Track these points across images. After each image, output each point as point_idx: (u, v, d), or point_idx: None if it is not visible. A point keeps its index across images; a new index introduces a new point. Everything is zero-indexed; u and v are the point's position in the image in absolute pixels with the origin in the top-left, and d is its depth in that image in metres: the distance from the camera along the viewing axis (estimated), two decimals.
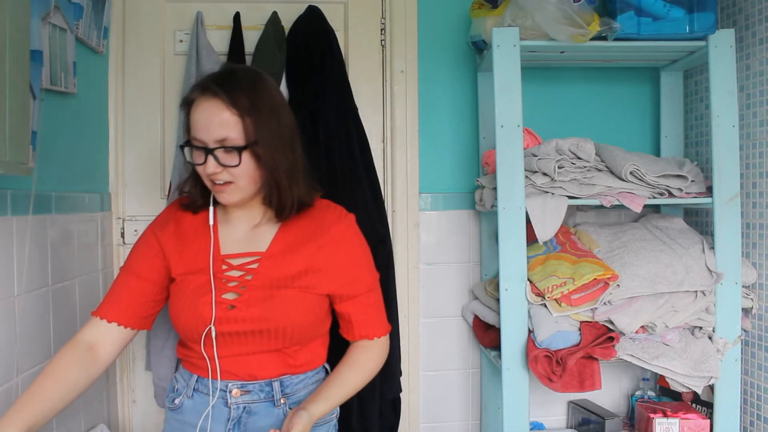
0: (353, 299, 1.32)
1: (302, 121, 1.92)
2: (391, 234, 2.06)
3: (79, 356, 1.24)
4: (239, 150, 1.18)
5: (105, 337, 1.28)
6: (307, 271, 1.27)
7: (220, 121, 1.17)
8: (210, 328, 1.23)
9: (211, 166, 1.19)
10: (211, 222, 1.30)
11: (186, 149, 1.23)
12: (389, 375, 1.92)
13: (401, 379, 2.00)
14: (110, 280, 2.01)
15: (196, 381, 1.31)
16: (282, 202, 1.26)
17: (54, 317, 1.55)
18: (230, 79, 1.21)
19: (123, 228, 2.08)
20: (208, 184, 1.25)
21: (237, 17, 2.04)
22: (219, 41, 2.05)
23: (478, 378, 2.20)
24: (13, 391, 1.34)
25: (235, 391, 1.27)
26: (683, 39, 1.81)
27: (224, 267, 1.28)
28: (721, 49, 1.79)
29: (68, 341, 1.27)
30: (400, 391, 1.99)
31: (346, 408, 1.86)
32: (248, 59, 2.01)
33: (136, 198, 2.09)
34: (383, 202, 2.03)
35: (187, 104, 1.23)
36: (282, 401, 1.29)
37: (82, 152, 1.84)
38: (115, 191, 2.06)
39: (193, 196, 1.32)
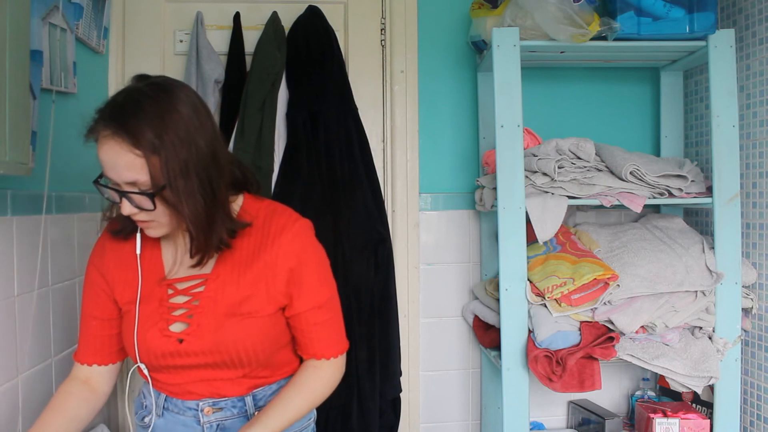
0: (299, 316, 1.20)
1: (303, 121, 1.93)
2: (391, 234, 2.06)
3: (77, 390, 1.24)
4: (150, 196, 1.05)
5: (93, 375, 1.27)
6: (252, 295, 1.17)
7: (125, 164, 1.03)
8: (136, 367, 1.19)
9: (127, 208, 1.07)
10: (138, 251, 1.20)
11: (100, 187, 1.11)
12: (389, 375, 1.93)
13: (401, 379, 2.00)
14: None
15: (165, 400, 1.25)
16: (197, 248, 1.12)
17: (54, 317, 1.54)
18: (132, 111, 1.04)
19: None
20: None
21: (237, 17, 2.04)
22: (219, 41, 2.05)
23: (478, 378, 2.20)
24: (14, 391, 1.34)
25: (207, 409, 1.21)
26: (683, 39, 1.81)
27: (170, 292, 1.18)
28: (721, 49, 1.79)
29: (65, 380, 1.26)
30: (400, 391, 1.99)
31: (345, 408, 1.86)
32: (248, 59, 2.01)
33: None
34: (383, 202, 2.03)
35: (92, 135, 1.09)
36: (256, 414, 1.23)
37: (82, 152, 1.83)
38: None
39: (122, 221, 1.20)
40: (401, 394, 2.00)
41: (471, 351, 2.20)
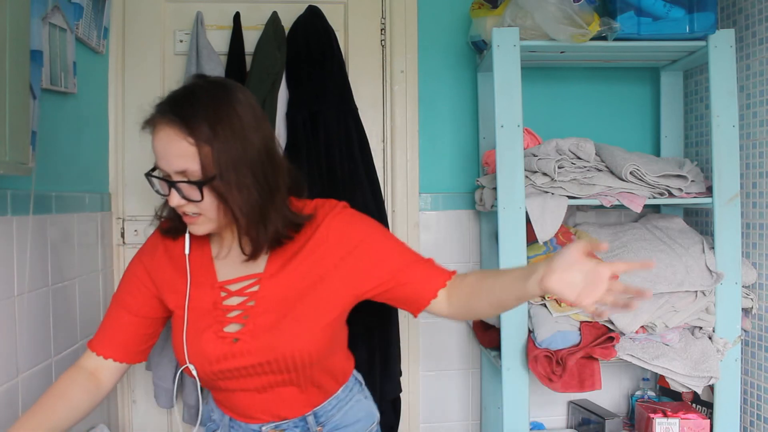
0: (390, 280, 1.17)
1: (303, 121, 1.93)
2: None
3: (83, 380, 1.21)
4: (199, 185, 1.05)
5: (102, 368, 1.24)
6: (316, 282, 1.16)
7: (177, 152, 1.04)
8: (192, 370, 1.16)
9: (175, 199, 1.08)
10: (187, 251, 1.19)
11: (151, 179, 1.12)
12: (389, 375, 1.93)
13: (401, 379, 2.00)
14: (110, 280, 2.01)
15: (230, 421, 1.24)
16: (249, 243, 1.12)
17: (54, 317, 1.54)
18: (189, 102, 1.06)
19: (123, 228, 2.08)
20: (179, 213, 1.13)
21: (237, 17, 2.04)
22: (219, 41, 2.05)
23: (478, 378, 2.20)
24: (14, 391, 1.34)
25: (270, 431, 1.21)
26: (683, 39, 1.81)
27: (223, 294, 1.18)
28: (721, 49, 1.79)
29: (70, 366, 1.25)
30: (400, 391, 1.99)
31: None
32: (248, 59, 2.01)
33: (136, 198, 2.09)
34: (383, 202, 2.02)
35: (148, 125, 1.09)
36: (318, 430, 1.23)
37: (82, 152, 1.84)
38: (115, 191, 2.06)
39: (172, 219, 1.20)
40: (401, 394, 2.00)
41: (471, 351, 2.20)
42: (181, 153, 1.04)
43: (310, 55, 1.96)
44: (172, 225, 1.21)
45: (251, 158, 1.07)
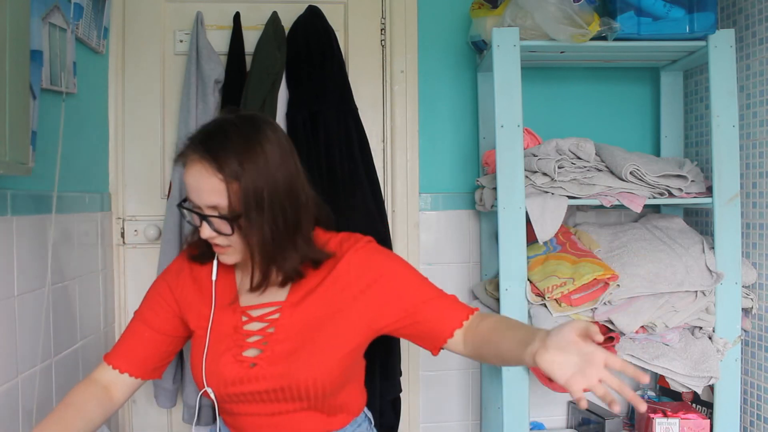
0: (412, 311, 1.18)
1: (303, 121, 1.93)
2: (391, 234, 2.06)
3: (96, 393, 1.22)
4: (229, 220, 1.09)
5: (117, 383, 1.24)
6: (334, 313, 1.17)
7: (208, 187, 1.08)
8: (209, 392, 1.17)
9: (207, 231, 1.11)
10: (214, 277, 1.22)
11: (183, 211, 1.15)
12: (389, 375, 1.92)
13: (401, 379, 2.00)
14: (110, 280, 2.01)
15: None
16: (258, 276, 1.15)
17: (54, 317, 1.54)
18: (220, 138, 1.09)
19: (123, 228, 2.08)
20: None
21: (237, 17, 2.04)
22: (219, 41, 2.05)
23: (478, 378, 2.20)
24: (14, 391, 1.34)
25: None
26: (683, 39, 1.81)
27: (244, 319, 1.19)
28: (721, 49, 1.79)
29: (84, 379, 1.25)
30: (400, 391, 1.99)
31: None
32: (248, 59, 2.01)
33: (136, 198, 2.09)
34: (383, 202, 2.02)
35: (180, 159, 1.13)
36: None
37: (82, 152, 1.84)
38: (115, 191, 2.06)
39: (201, 247, 1.23)
40: (401, 394, 2.00)
41: None
42: (212, 189, 1.07)
43: (310, 55, 1.96)
44: (200, 252, 1.24)
45: (274, 197, 1.10)
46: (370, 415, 1.34)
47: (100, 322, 1.90)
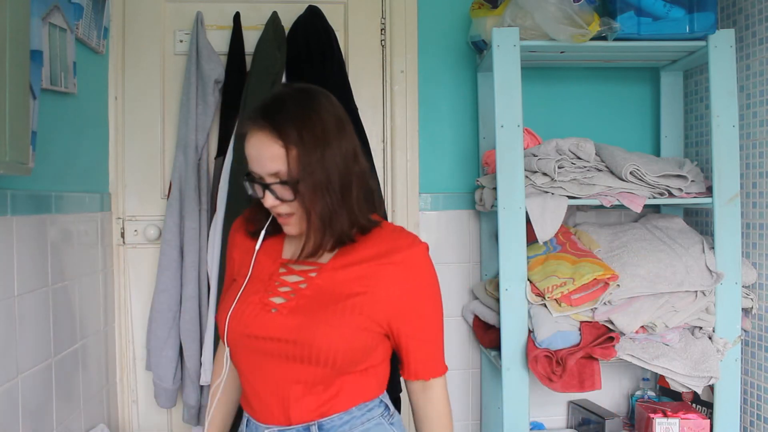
0: (413, 333, 1.22)
1: None
2: None
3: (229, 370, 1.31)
4: (291, 185, 1.13)
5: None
6: (363, 293, 1.18)
7: (269, 155, 1.12)
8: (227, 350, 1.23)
9: (269, 200, 1.15)
10: (258, 246, 1.26)
11: (246, 183, 1.19)
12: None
13: (401, 379, 1.99)
14: (110, 280, 2.01)
15: (248, 423, 1.25)
16: (312, 242, 1.18)
17: (54, 317, 1.55)
18: (278, 108, 1.15)
19: (123, 228, 2.08)
20: (273, 214, 1.21)
21: (237, 17, 2.04)
22: (219, 41, 2.05)
23: (478, 378, 2.20)
24: (14, 391, 1.34)
25: None
26: (683, 39, 1.81)
27: (282, 270, 1.24)
28: (721, 49, 1.79)
29: (220, 347, 1.37)
30: (400, 391, 1.98)
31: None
32: (248, 59, 2.01)
33: (136, 198, 2.09)
34: (383, 202, 2.02)
35: (244, 133, 1.18)
36: None
37: (82, 152, 1.84)
38: (115, 191, 2.06)
39: (256, 222, 1.29)
40: (401, 394, 2.00)
41: (471, 351, 2.20)
42: (273, 155, 1.12)
43: (310, 55, 1.96)
44: (256, 227, 1.28)
45: (330, 163, 1.14)
46: (388, 402, 1.30)
47: (100, 322, 1.90)
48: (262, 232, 1.26)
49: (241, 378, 1.25)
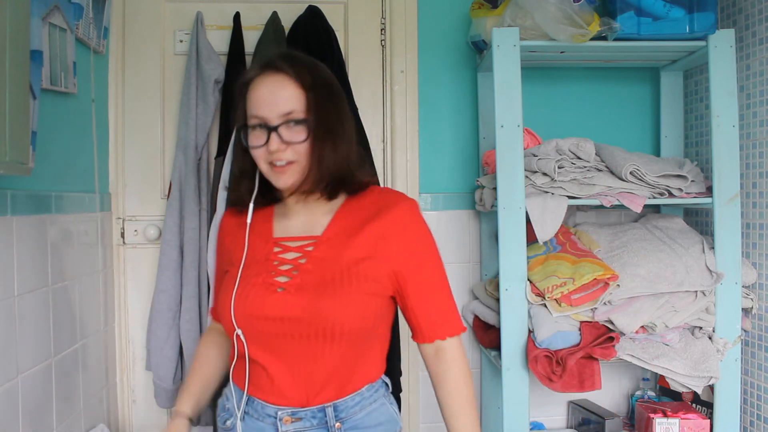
0: (420, 288, 1.22)
1: None
2: None
3: (215, 340, 1.36)
4: (307, 123, 1.16)
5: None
6: (365, 258, 1.19)
7: (286, 95, 1.16)
8: (238, 332, 1.20)
9: (275, 143, 1.15)
10: (249, 220, 1.25)
11: (243, 133, 1.20)
12: (389, 375, 1.92)
13: (401, 379, 2.00)
14: (110, 280, 2.01)
15: (247, 402, 1.22)
16: (312, 179, 1.20)
17: (54, 317, 1.55)
18: (292, 57, 1.22)
19: (123, 228, 2.08)
20: (264, 169, 1.19)
21: (237, 17, 2.04)
22: (219, 41, 2.05)
23: (478, 378, 2.20)
24: (14, 391, 1.34)
25: (286, 418, 1.18)
26: (683, 39, 1.81)
27: (277, 249, 1.23)
28: (721, 49, 1.79)
29: (207, 329, 1.42)
30: (400, 391, 1.99)
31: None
32: (248, 59, 2.01)
33: (136, 198, 2.09)
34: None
35: (245, 84, 1.21)
36: (337, 426, 1.19)
37: (82, 152, 1.84)
38: (115, 191, 2.06)
39: (238, 192, 1.29)
40: (401, 394, 2.00)
41: (471, 351, 2.20)
42: (289, 95, 1.16)
43: (309, 55, 1.96)
44: (237, 197, 1.29)
45: (342, 110, 1.23)
46: (388, 382, 1.32)
47: (100, 322, 1.90)
48: (251, 203, 1.26)
49: (249, 362, 1.21)
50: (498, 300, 1.81)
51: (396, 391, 1.96)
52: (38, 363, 1.46)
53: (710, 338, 1.78)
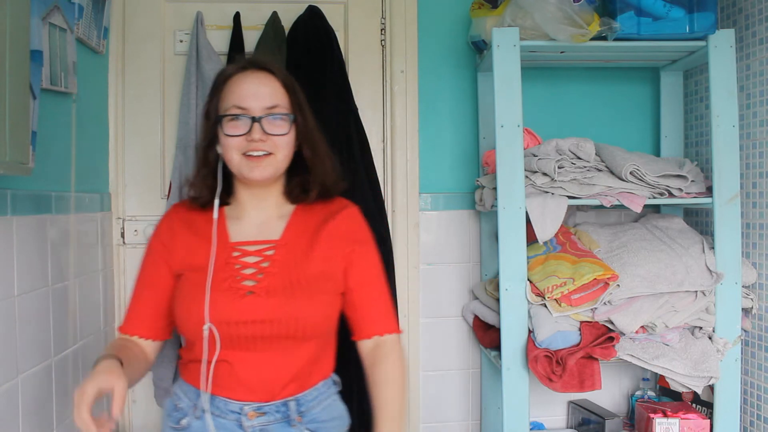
0: (363, 285, 1.28)
1: None
2: (391, 234, 2.06)
3: (134, 344, 1.28)
4: (290, 117, 1.24)
5: (138, 344, 1.29)
6: (325, 259, 1.26)
7: (270, 90, 1.23)
8: (210, 326, 1.18)
9: (257, 133, 1.20)
10: (215, 215, 1.26)
11: (224, 120, 1.23)
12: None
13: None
14: (110, 280, 2.01)
15: (210, 399, 1.22)
16: (318, 181, 1.29)
17: (54, 317, 1.54)
18: (272, 61, 1.30)
19: (123, 228, 2.08)
20: (236, 159, 1.22)
21: (237, 17, 2.04)
22: (219, 41, 2.05)
23: (478, 378, 2.20)
24: (14, 391, 1.34)
25: (251, 413, 1.21)
26: (683, 39, 1.81)
27: (236, 254, 1.25)
28: (721, 49, 1.79)
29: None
30: None
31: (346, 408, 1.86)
32: None
33: (136, 198, 2.09)
34: (383, 202, 2.02)
35: (226, 77, 1.26)
36: (298, 420, 1.24)
37: (82, 152, 1.83)
38: (115, 191, 2.06)
39: (201, 190, 1.30)
40: None
41: (471, 351, 2.20)
42: (274, 90, 1.24)
43: (310, 55, 1.96)
44: (199, 193, 1.31)
45: (308, 111, 1.30)
46: (338, 380, 1.37)
47: (100, 322, 1.90)
48: (217, 199, 1.27)
49: (218, 363, 1.22)
50: (498, 300, 1.81)
51: None
52: (38, 363, 1.45)
53: (710, 338, 1.78)
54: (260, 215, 1.30)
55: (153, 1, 2.08)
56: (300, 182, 1.30)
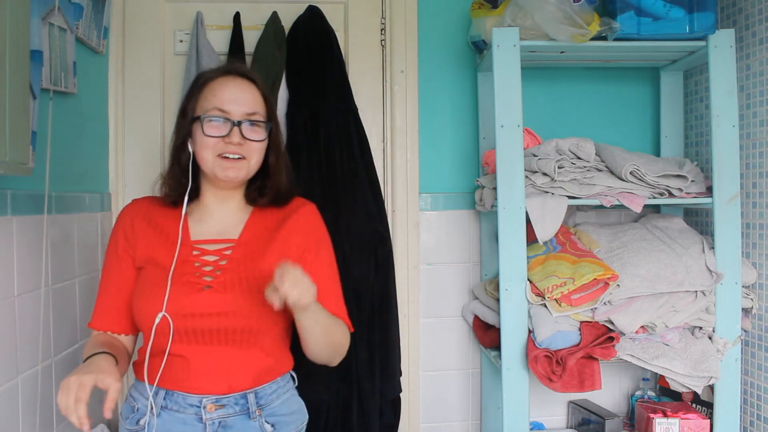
0: (319, 281, 1.25)
1: (303, 121, 1.93)
2: (391, 234, 2.06)
3: (117, 339, 1.32)
4: (267, 125, 1.29)
5: (119, 339, 1.32)
6: (281, 257, 1.27)
7: (251, 98, 1.28)
8: (164, 315, 1.21)
9: (236, 137, 1.25)
10: (184, 211, 1.29)
11: (205, 120, 1.25)
12: (389, 375, 1.93)
13: (401, 379, 2.00)
14: None
15: (164, 398, 1.24)
16: (274, 187, 1.34)
17: (54, 317, 1.54)
18: (249, 71, 1.34)
19: None
20: (209, 159, 1.25)
21: (237, 17, 2.04)
22: (219, 41, 2.05)
23: (478, 378, 2.20)
24: (14, 391, 1.34)
25: (209, 406, 1.23)
26: (683, 39, 1.81)
27: (196, 252, 1.27)
28: (721, 49, 1.79)
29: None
30: (400, 391, 1.99)
31: (345, 408, 1.86)
32: (248, 59, 2.01)
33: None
34: (383, 202, 2.02)
35: (207, 79, 1.30)
36: (257, 413, 1.26)
37: (82, 152, 1.84)
38: (115, 191, 2.06)
39: (175, 187, 1.32)
40: (401, 394, 2.00)
41: (471, 351, 2.20)
42: (254, 99, 1.29)
43: (310, 55, 1.96)
44: (170, 191, 1.33)
45: (278, 125, 1.36)
46: (295, 377, 1.39)
47: None
48: (186, 196, 1.29)
49: (168, 355, 1.24)
50: (498, 300, 1.81)
51: (396, 391, 1.96)
52: (38, 363, 1.45)
53: (710, 338, 1.78)
54: (222, 216, 1.33)
55: (153, 1, 2.08)
56: (258, 186, 1.34)
